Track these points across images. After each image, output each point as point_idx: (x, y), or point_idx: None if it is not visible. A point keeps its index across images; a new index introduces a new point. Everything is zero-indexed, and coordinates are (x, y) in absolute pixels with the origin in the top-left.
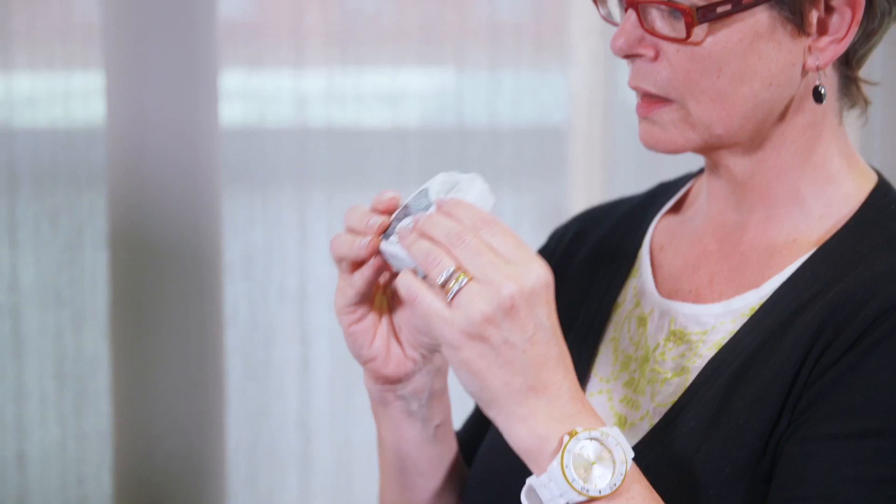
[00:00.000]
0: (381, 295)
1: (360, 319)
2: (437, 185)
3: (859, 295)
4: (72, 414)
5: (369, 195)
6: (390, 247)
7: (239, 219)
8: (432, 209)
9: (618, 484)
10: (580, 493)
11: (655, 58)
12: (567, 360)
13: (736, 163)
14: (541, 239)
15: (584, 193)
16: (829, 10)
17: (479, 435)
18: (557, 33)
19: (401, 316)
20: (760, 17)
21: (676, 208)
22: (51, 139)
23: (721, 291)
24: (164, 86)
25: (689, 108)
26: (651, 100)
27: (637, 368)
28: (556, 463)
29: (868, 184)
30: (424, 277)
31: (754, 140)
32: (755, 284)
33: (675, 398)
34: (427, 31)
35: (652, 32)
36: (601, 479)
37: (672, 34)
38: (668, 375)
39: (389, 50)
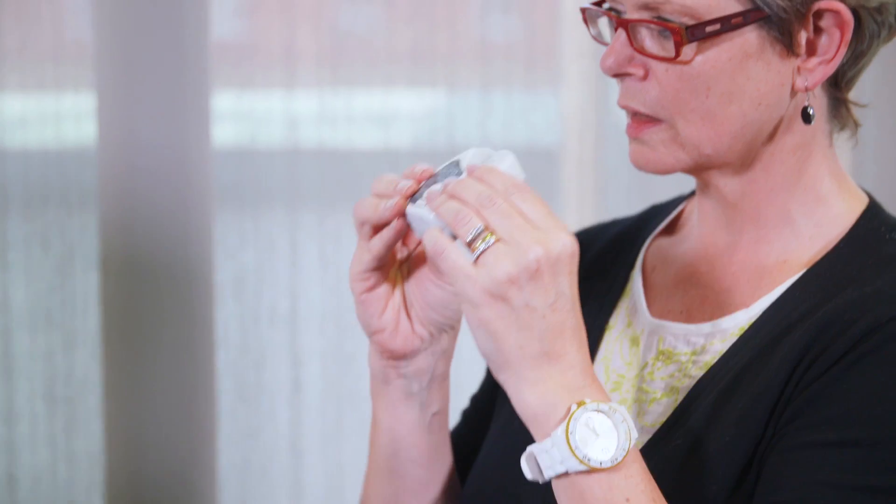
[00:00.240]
0: (397, 269)
1: (372, 288)
2: (468, 157)
3: (848, 314)
4: (62, 436)
5: None
6: (417, 209)
7: (230, 240)
8: (463, 176)
9: (619, 459)
10: (581, 461)
11: (645, 77)
12: (582, 334)
13: (726, 183)
14: None
15: (576, 215)
16: (817, 31)
17: (468, 443)
18: (549, 55)
19: (414, 291)
20: (749, 37)
21: (668, 230)
22: (42, 160)
23: (711, 311)
24: (156, 107)
25: (678, 128)
26: (640, 120)
27: (629, 388)
28: (561, 430)
29: (859, 205)
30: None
31: (744, 160)
32: (745, 304)
33: (664, 418)
34: (418, 52)
35: (641, 51)
36: (604, 452)
37: (661, 53)
38: (658, 395)
39: (380, 71)
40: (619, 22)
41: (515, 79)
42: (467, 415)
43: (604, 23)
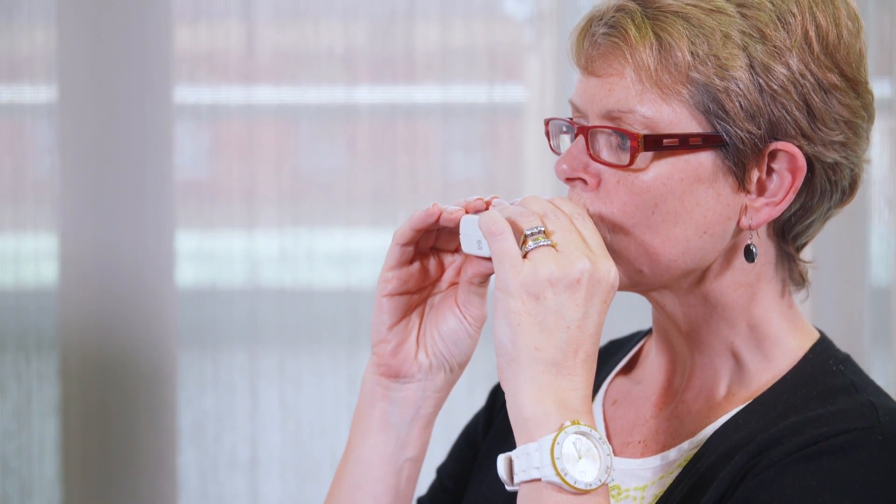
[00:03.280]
0: (424, 303)
1: (392, 294)
2: None
3: (786, 435)
4: None
5: (321, 359)
6: (476, 216)
7: (190, 385)
8: None
9: (593, 486)
10: (558, 472)
11: (596, 187)
12: (593, 366)
13: (670, 305)
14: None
15: None
16: (769, 172)
17: None
18: (510, 195)
19: (432, 317)
20: (705, 162)
21: (628, 368)
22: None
23: (664, 442)
24: (119, 247)
25: (613, 245)
26: None
27: None
28: (549, 438)
29: (809, 341)
30: None
31: (681, 286)
32: (692, 434)
33: None
34: (379, 192)
35: (597, 159)
36: (581, 475)
37: (616, 163)
38: None
39: (342, 212)
40: (581, 129)
41: None
42: (435, 488)
43: (566, 137)
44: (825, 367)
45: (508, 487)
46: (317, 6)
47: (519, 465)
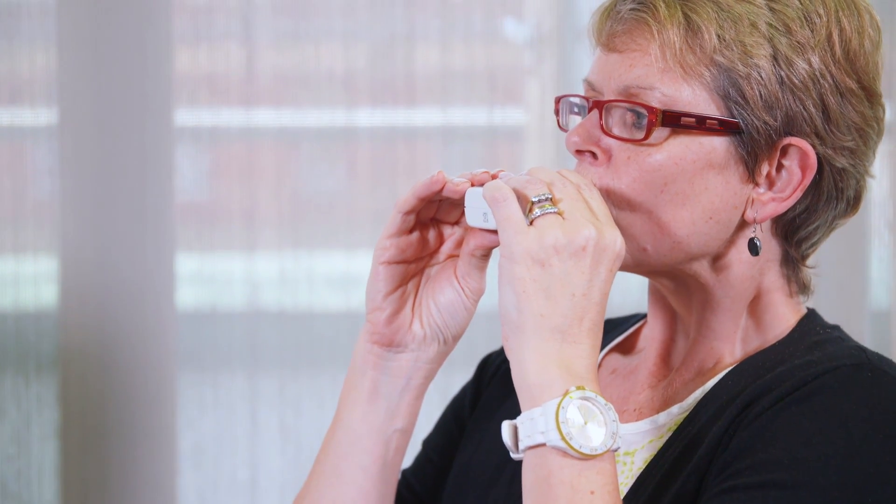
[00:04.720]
0: (421, 275)
1: (390, 262)
2: None
3: (775, 383)
4: None
5: (322, 381)
6: (480, 189)
7: (190, 408)
8: None
9: (598, 452)
10: (563, 437)
11: (606, 162)
12: (599, 335)
13: (676, 289)
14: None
15: None
16: (779, 167)
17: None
18: None
19: (429, 287)
20: (718, 148)
21: (622, 348)
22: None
23: (657, 408)
24: (119, 270)
25: (619, 221)
26: None
27: None
28: (553, 403)
29: (799, 315)
30: None
31: (685, 272)
32: (681, 399)
33: None
34: (379, 215)
35: (609, 133)
36: (586, 440)
37: (630, 138)
38: None
39: (341, 234)
40: (596, 103)
41: None
42: (421, 460)
43: (576, 118)
44: (813, 330)
45: (513, 455)
46: (317, 29)
47: (524, 430)
